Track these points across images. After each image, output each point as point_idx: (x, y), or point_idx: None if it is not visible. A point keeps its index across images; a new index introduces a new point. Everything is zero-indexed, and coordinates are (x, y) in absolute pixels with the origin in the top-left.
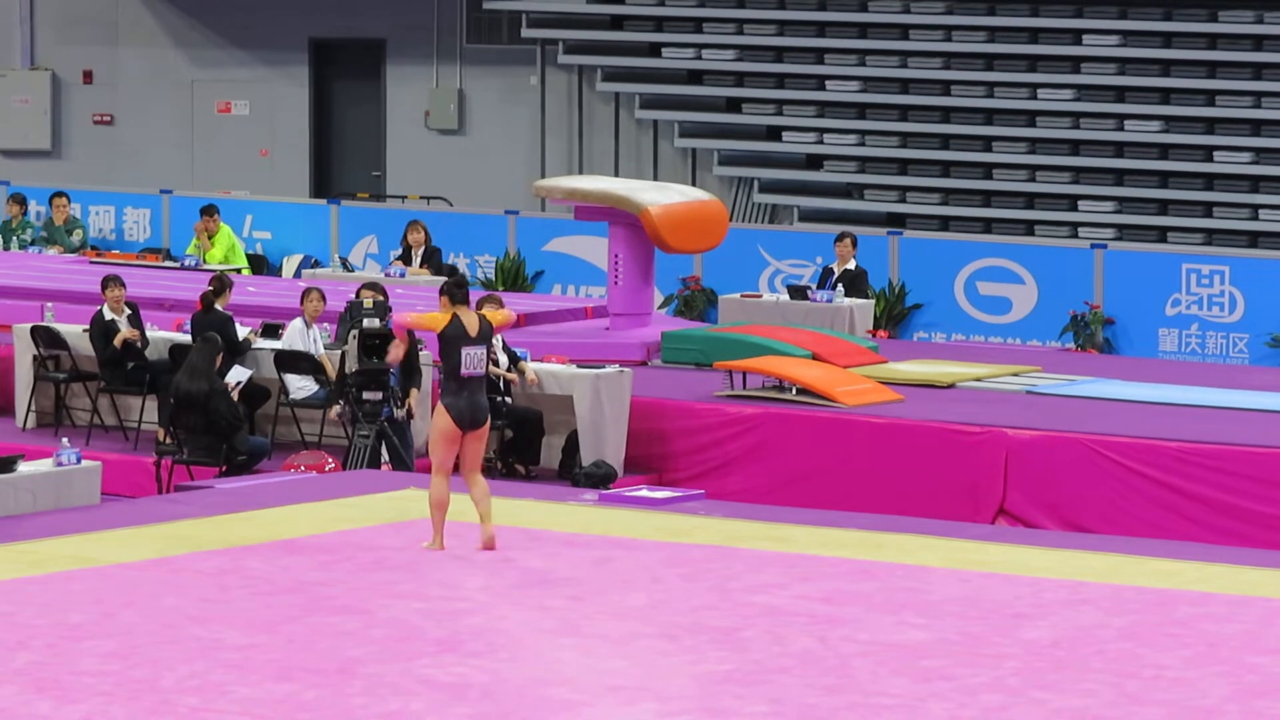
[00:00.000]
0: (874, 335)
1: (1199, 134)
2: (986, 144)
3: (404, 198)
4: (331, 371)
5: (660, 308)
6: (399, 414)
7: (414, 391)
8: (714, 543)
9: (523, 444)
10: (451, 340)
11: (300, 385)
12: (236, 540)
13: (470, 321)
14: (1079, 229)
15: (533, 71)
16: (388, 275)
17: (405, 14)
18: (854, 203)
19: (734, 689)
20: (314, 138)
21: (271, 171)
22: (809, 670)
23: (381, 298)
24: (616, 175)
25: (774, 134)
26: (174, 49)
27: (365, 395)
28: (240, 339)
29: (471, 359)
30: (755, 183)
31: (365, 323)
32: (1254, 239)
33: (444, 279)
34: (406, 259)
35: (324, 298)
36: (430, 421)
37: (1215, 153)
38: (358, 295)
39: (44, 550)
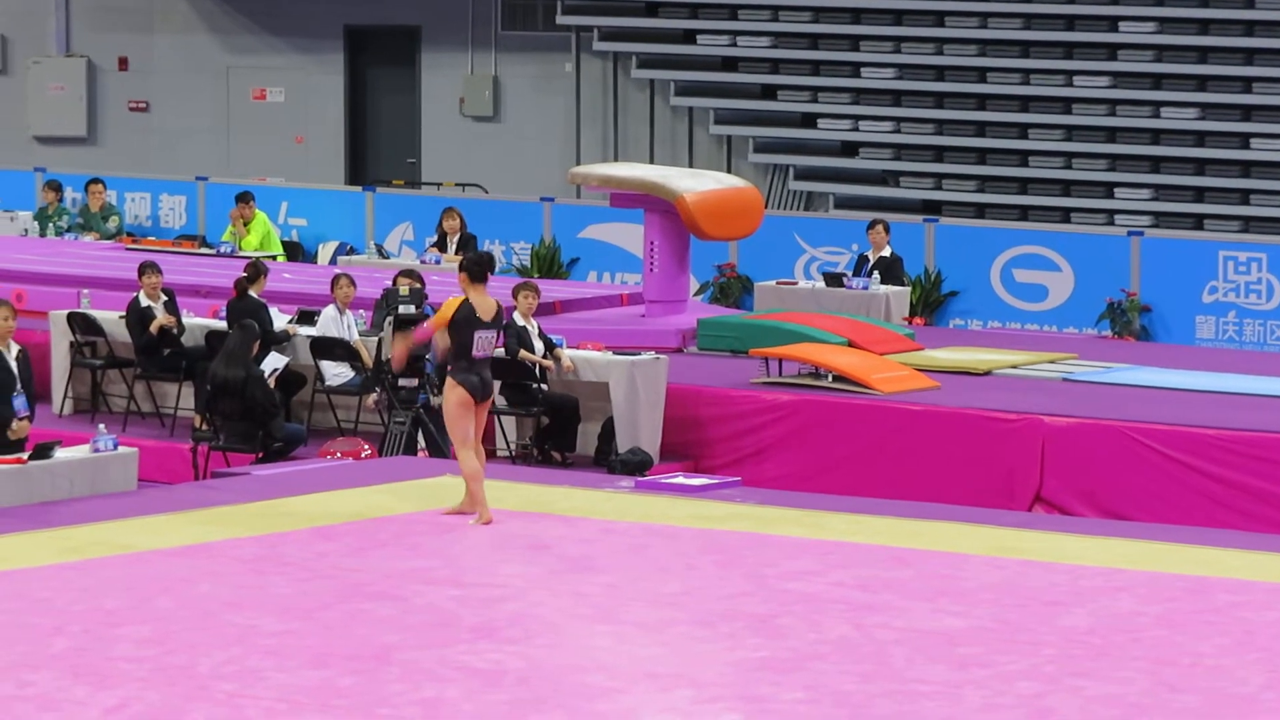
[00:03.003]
0: (910, 322)
1: (1236, 121)
2: (1022, 131)
3: (439, 185)
4: (367, 358)
5: (696, 295)
6: (435, 401)
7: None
8: (750, 530)
9: (558, 431)
10: (463, 323)
11: (336, 372)
12: (273, 527)
13: (486, 305)
14: (1115, 216)
15: (568, 58)
16: (423, 262)
17: (440, 1)
18: (889, 190)
19: (770, 676)
20: (349, 125)
21: (306, 158)
22: (845, 657)
23: (418, 285)
24: (652, 162)
25: (809, 121)
26: (209, 36)
27: (401, 382)
28: (280, 330)
29: (483, 342)
30: (790, 170)
31: (401, 309)
32: None
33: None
34: (442, 246)
35: (354, 283)
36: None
37: (1252, 140)
38: (394, 282)
39: (81, 536)
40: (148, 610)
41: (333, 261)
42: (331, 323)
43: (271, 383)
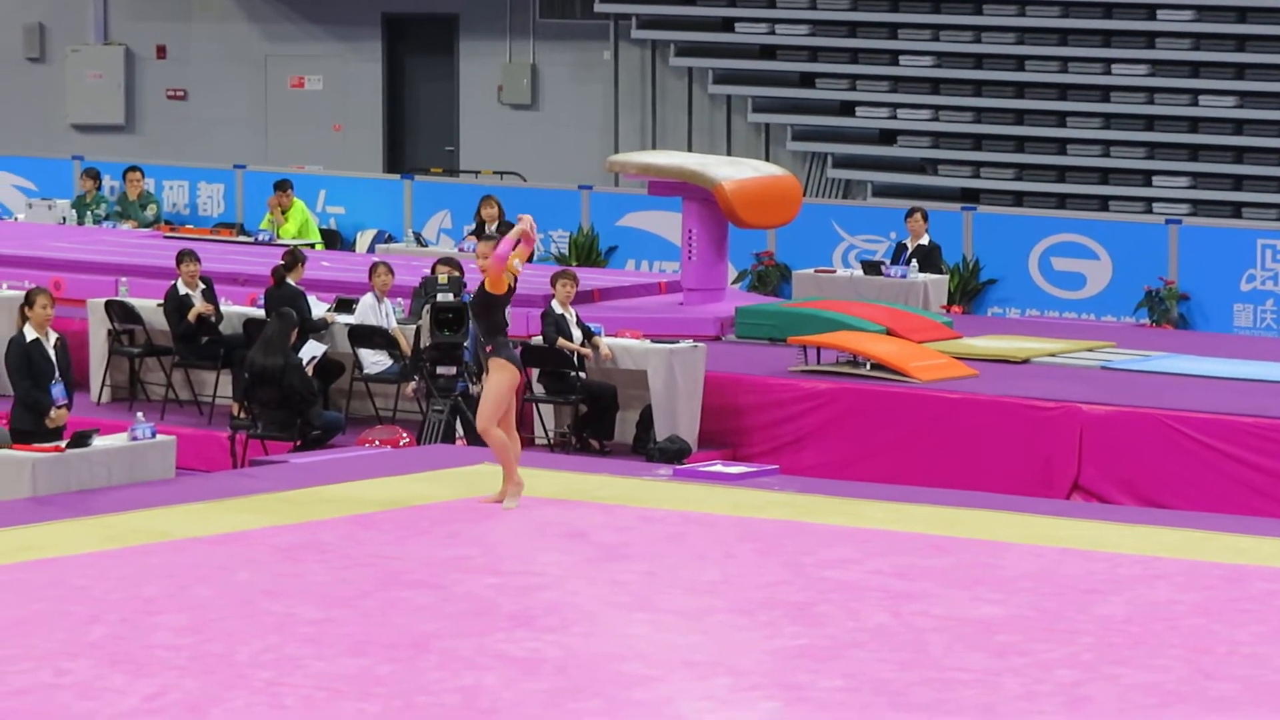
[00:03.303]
0: (948, 310)
1: (1274, 109)
2: (1060, 119)
3: (477, 173)
4: (405, 346)
5: (734, 283)
6: (474, 389)
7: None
8: (788, 518)
9: (597, 419)
10: (504, 300)
11: (374, 360)
12: (311, 515)
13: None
14: (1153, 204)
15: (606, 46)
16: (461, 250)
17: None
18: (928, 178)
19: (808, 664)
20: (387, 113)
21: (345, 146)
22: (883, 645)
23: (457, 273)
24: (690, 150)
25: (847, 109)
26: (247, 24)
27: (439, 370)
28: (318, 318)
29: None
30: (829, 158)
31: (439, 297)
32: None
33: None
34: (480, 234)
35: (391, 271)
36: (489, 385)
37: None
38: (433, 270)
39: (118, 524)
40: (186, 598)
41: (371, 249)
42: (370, 311)
43: (310, 371)
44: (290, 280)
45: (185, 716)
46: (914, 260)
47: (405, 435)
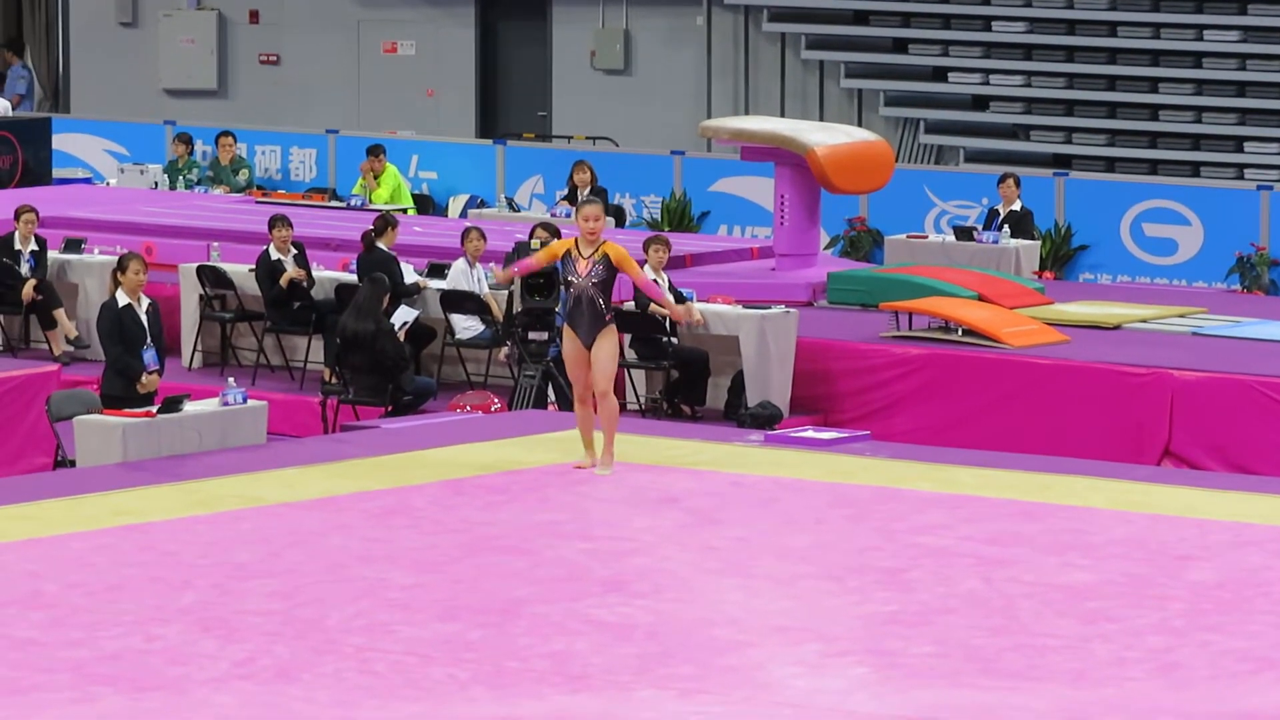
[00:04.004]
0: (1040, 276)
1: None
2: (1153, 85)
3: (570, 138)
4: (497, 312)
5: (826, 248)
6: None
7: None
8: (879, 484)
9: (688, 384)
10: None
11: (466, 325)
12: (402, 480)
13: None
14: (1245, 170)
15: (699, 12)
16: (553, 215)
17: None
18: (1020, 144)
19: (899, 630)
20: (480, 78)
21: (437, 111)
22: (974, 611)
23: (553, 238)
24: (782, 116)
25: (940, 75)
26: None
27: (531, 335)
28: (410, 283)
29: None
30: (921, 124)
31: None
32: None
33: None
34: (573, 199)
35: (484, 236)
36: (608, 350)
37: None
38: (531, 234)
39: (210, 489)
40: (276, 563)
41: (463, 215)
42: (462, 276)
43: (401, 336)
44: (382, 245)
45: (276, 681)
46: (1006, 226)
47: (497, 401)
